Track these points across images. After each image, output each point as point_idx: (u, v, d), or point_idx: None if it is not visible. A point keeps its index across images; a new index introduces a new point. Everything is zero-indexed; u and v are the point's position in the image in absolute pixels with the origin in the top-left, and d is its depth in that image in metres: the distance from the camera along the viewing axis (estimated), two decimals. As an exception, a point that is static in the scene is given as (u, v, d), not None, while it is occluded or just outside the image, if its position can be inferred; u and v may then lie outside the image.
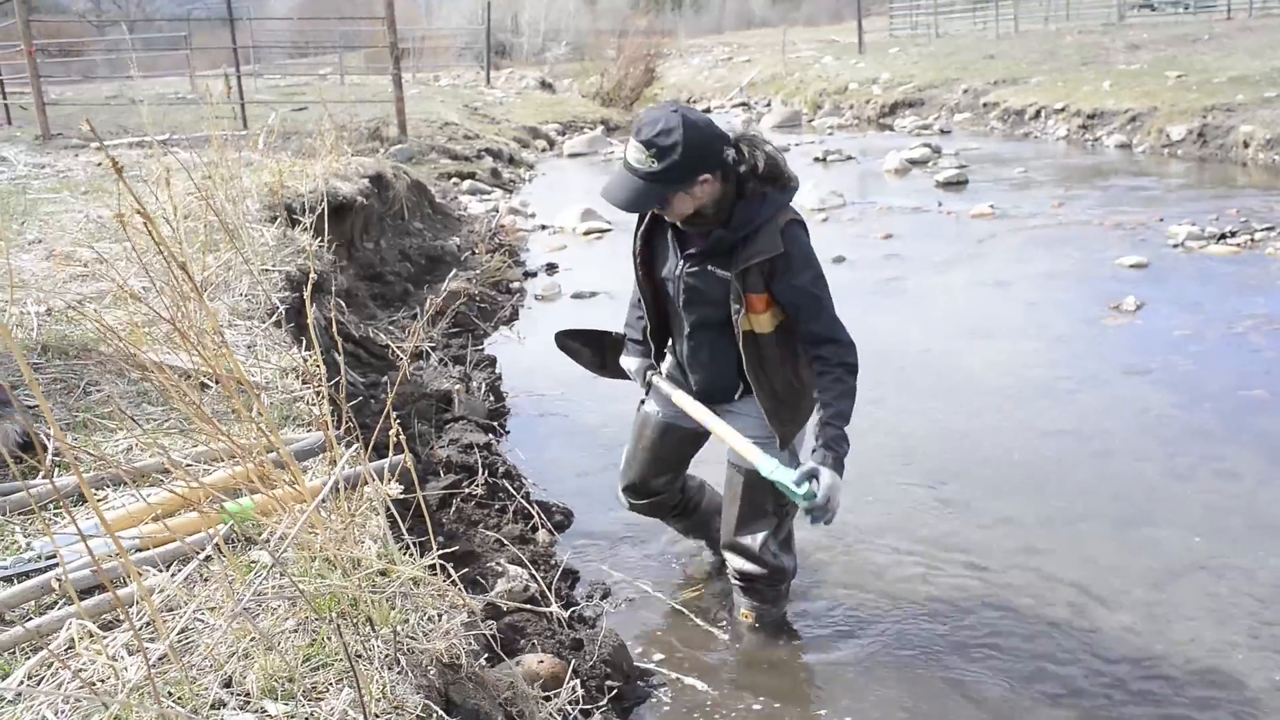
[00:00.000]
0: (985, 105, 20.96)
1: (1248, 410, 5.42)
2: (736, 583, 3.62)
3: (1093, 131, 16.90)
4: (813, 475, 3.00)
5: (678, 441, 3.64)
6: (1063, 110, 18.19)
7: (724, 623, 3.74)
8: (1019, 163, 14.77)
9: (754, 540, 3.45)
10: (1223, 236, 9.08)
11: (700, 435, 3.60)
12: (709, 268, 3.16)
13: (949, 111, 21.87)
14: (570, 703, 2.78)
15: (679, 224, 3.16)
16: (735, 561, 3.55)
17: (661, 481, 3.76)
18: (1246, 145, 13.62)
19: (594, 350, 3.83)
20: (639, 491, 3.79)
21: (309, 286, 2.60)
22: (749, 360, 3.19)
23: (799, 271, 3.09)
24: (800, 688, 3.40)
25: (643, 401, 3.69)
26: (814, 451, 3.11)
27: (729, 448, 3.37)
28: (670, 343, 3.50)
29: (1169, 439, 5.12)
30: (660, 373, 3.54)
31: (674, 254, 3.25)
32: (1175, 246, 9.03)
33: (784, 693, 3.36)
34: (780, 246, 3.05)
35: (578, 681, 2.92)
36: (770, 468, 3.06)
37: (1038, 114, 18.91)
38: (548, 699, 2.73)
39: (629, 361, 3.61)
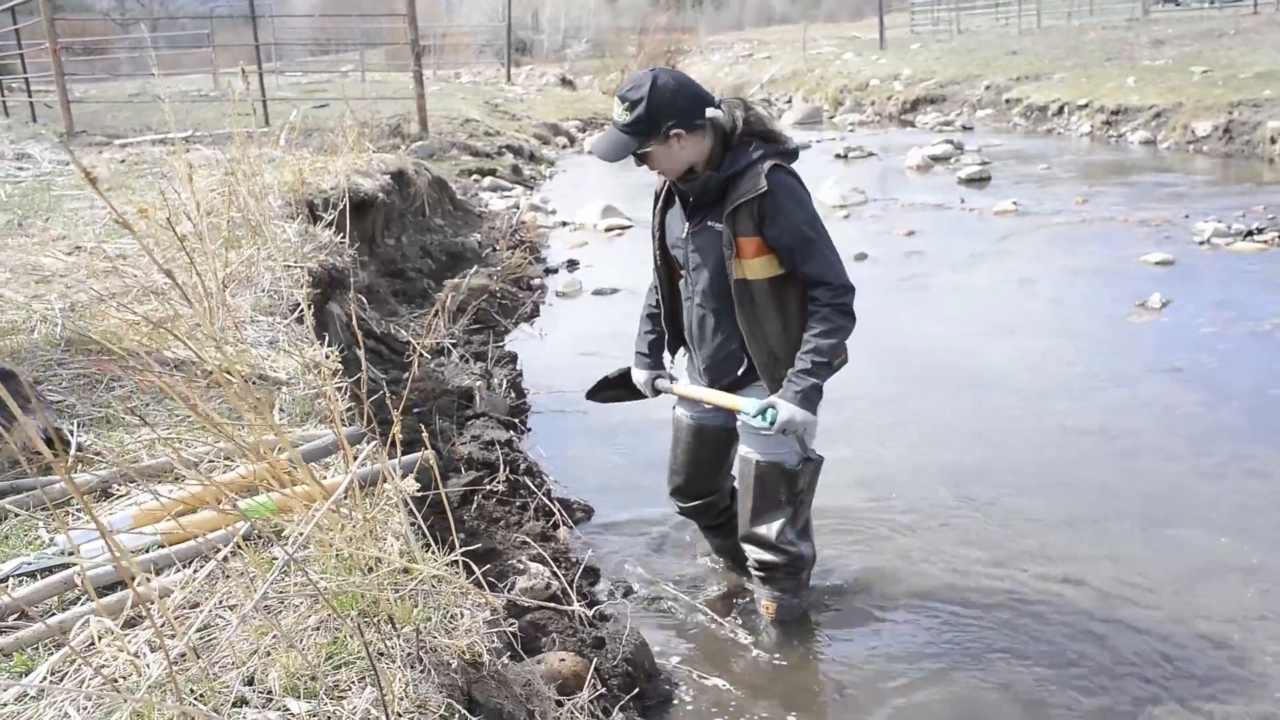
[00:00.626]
0: (1008, 101, 20.85)
1: (1276, 409, 5.36)
2: (757, 573, 3.60)
3: (1116, 128, 16.78)
4: (770, 405, 3.17)
5: (713, 441, 3.65)
6: (1086, 106, 18.06)
7: (745, 622, 3.71)
8: (1042, 159, 14.68)
9: (770, 530, 3.44)
10: (1249, 234, 8.99)
11: (727, 430, 3.59)
12: (707, 223, 3.25)
13: (971, 108, 21.76)
14: (591, 701, 2.77)
15: (679, 184, 3.29)
16: (754, 552, 3.54)
17: (707, 483, 3.76)
18: (1274, 141, 13.48)
19: (626, 388, 3.82)
20: (687, 494, 3.80)
21: (324, 283, 2.59)
22: (741, 310, 3.23)
23: (789, 212, 3.14)
24: (821, 687, 3.37)
25: (675, 405, 3.71)
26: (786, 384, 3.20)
27: (741, 436, 3.44)
28: (681, 324, 3.53)
29: (1196, 438, 5.06)
30: (667, 375, 3.64)
31: (682, 219, 3.36)
32: (1201, 244, 8.94)
33: (805, 692, 3.34)
34: (763, 185, 3.11)
35: (599, 680, 2.90)
36: (745, 404, 3.22)
37: (1061, 110, 18.79)
38: (562, 702, 2.71)
39: (637, 375, 3.69)
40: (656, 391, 3.66)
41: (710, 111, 3.16)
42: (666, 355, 3.70)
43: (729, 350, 3.35)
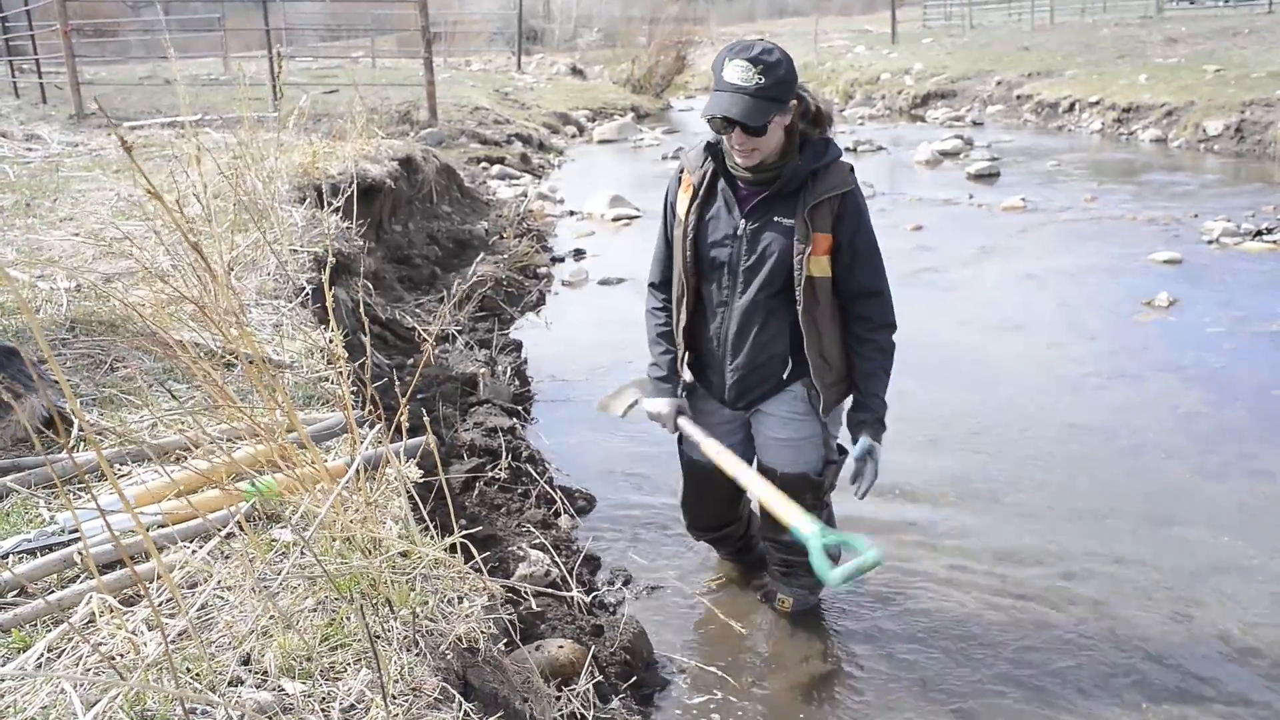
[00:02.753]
0: (1018, 97, 20.77)
1: (1281, 409, 5.35)
2: (778, 569, 3.60)
3: (1127, 125, 16.71)
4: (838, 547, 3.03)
5: (727, 480, 3.50)
6: (1097, 104, 17.99)
7: (745, 613, 3.72)
8: (1052, 156, 14.63)
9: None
10: (1259, 233, 8.95)
11: (746, 462, 3.52)
12: (774, 218, 3.12)
13: (981, 103, 21.68)
14: (589, 688, 2.77)
15: (743, 174, 3.11)
16: (778, 553, 3.54)
17: (725, 515, 3.73)
18: (1285, 142, 13.43)
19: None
20: (705, 529, 3.79)
21: (327, 268, 2.60)
22: (805, 306, 3.13)
23: (864, 215, 3.13)
24: (820, 680, 3.37)
25: (680, 438, 3.60)
26: (856, 438, 3.22)
27: (760, 450, 3.40)
28: (703, 337, 3.37)
29: (1200, 437, 5.05)
30: (688, 412, 3.46)
31: (732, 215, 3.17)
32: (1210, 243, 8.91)
33: (803, 684, 3.34)
34: (850, 184, 3.08)
35: (597, 668, 2.91)
36: (811, 532, 2.96)
37: (1072, 107, 18.71)
38: (559, 696, 2.72)
39: (657, 404, 3.46)
40: (676, 428, 3.45)
41: (799, 89, 3.03)
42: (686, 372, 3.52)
43: (772, 354, 3.24)
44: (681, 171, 3.31)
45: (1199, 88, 16.42)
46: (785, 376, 3.27)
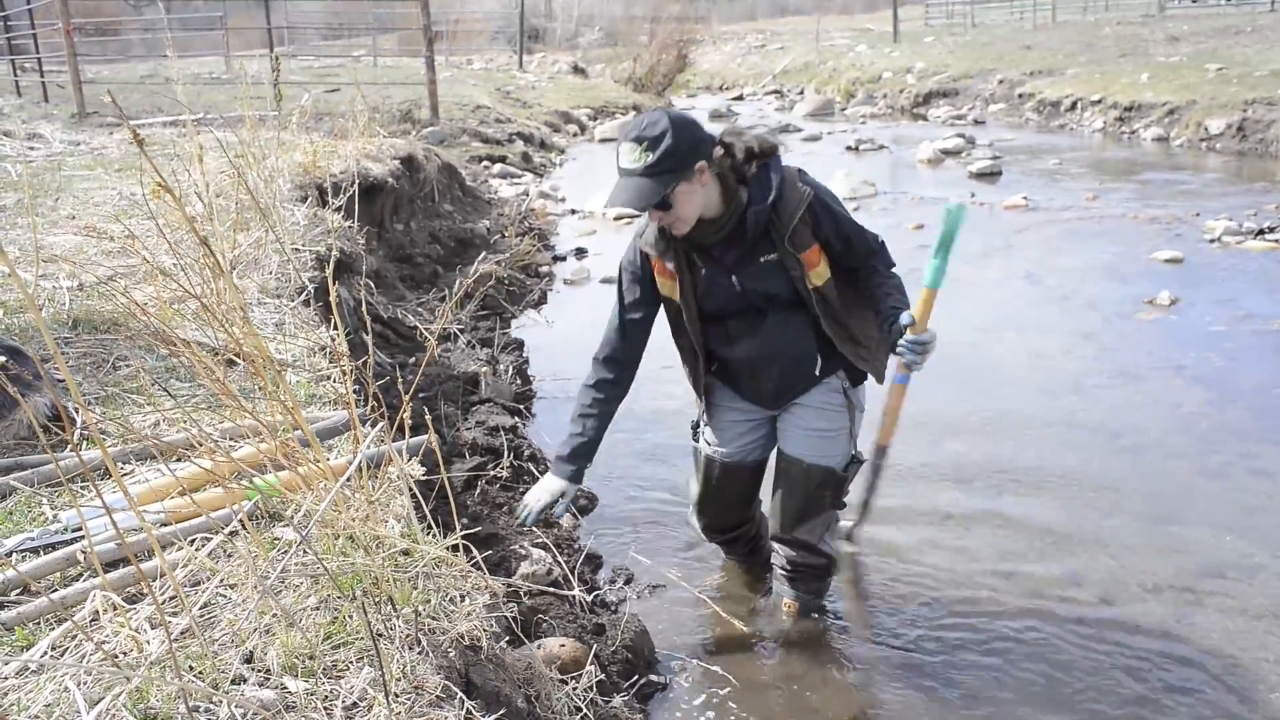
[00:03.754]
0: (1020, 96, 20.77)
1: (1283, 408, 5.35)
2: (784, 572, 3.59)
3: (1129, 124, 16.71)
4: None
5: (747, 477, 3.59)
6: (1099, 102, 17.99)
7: (747, 612, 3.72)
8: (1054, 155, 14.63)
9: (813, 534, 3.43)
10: (1261, 232, 8.95)
11: (763, 462, 3.58)
12: (760, 260, 3.10)
13: (983, 102, 21.68)
14: (590, 687, 2.78)
15: (704, 237, 3.07)
16: (790, 554, 3.52)
17: (740, 515, 3.73)
18: (1287, 140, 13.42)
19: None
20: (719, 529, 3.77)
21: (332, 265, 2.60)
22: (825, 318, 3.16)
23: (833, 205, 3.12)
24: (821, 679, 3.37)
25: (695, 437, 3.60)
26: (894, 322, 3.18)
27: (785, 440, 3.40)
28: (727, 357, 3.36)
29: (1202, 436, 5.05)
30: (572, 506, 3.41)
31: (720, 276, 3.15)
32: (1212, 242, 8.90)
33: (805, 683, 3.34)
34: (807, 193, 3.05)
35: (598, 666, 2.91)
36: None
37: (1074, 106, 18.71)
38: (565, 682, 2.73)
39: (552, 483, 3.30)
40: (548, 510, 3.28)
41: (716, 150, 2.98)
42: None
43: (801, 352, 3.25)
44: (643, 258, 3.22)
45: (1201, 86, 16.41)
46: (818, 372, 3.29)
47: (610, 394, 3.39)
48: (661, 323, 3.36)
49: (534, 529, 4.02)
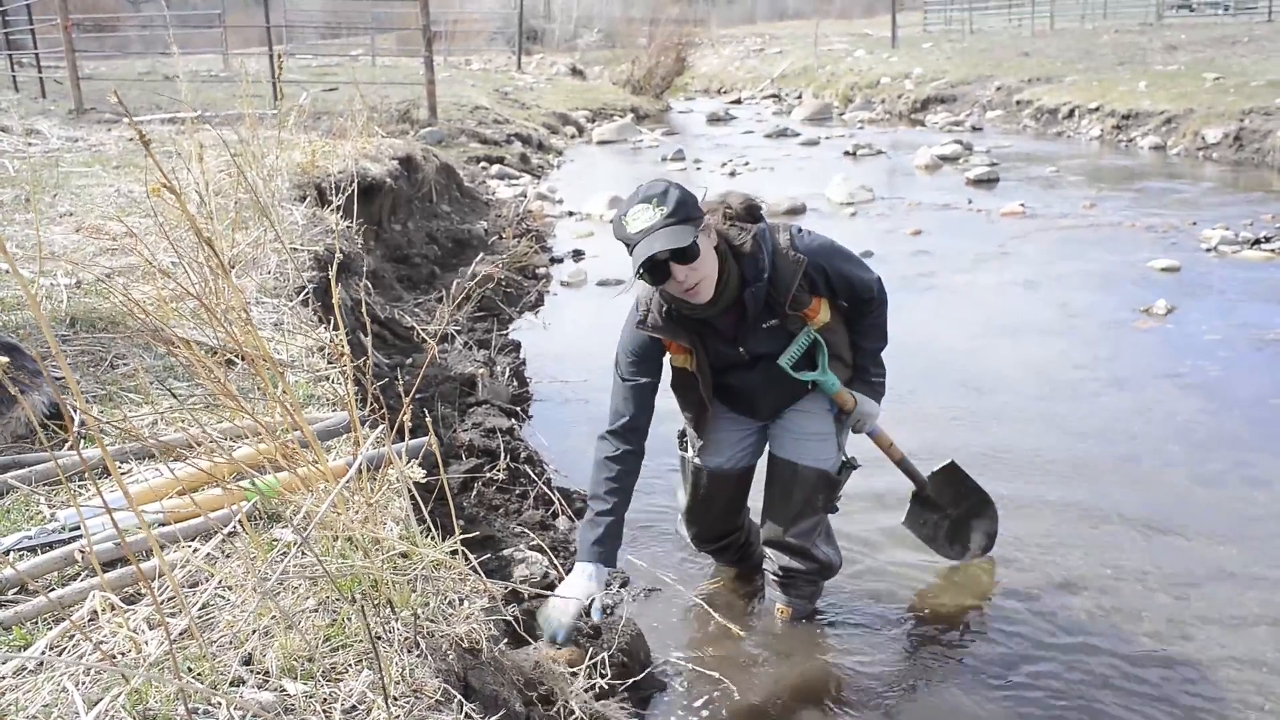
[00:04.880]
0: (1018, 103, 20.79)
1: (1278, 418, 5.35)
2: (776, 578, 3.60)
3: (1127, 132, 16.73)
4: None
5: (734, 485, 3.62)
6: (1097, 110, 18.01)
7: (743, 615, 3.72)
8: (1051, 162, 14.65)
9: (805, 539, 3.44)
10: (1257, 242, 8.96)
11: (751, 468, 3.61)
12: (763, 326, 3.18)
13: (981, 108, 21.72)
14: (586, 690, 2.77)
15: (703, 315, 3.10)
16: (782, 559, 3.53)
17: (729, 524, 3.76)
18: (1284, 150, 13.45)
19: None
20: (708, 538, 3.80)
21: (335, 266, 2.60)
22: (830, 352, 3.28)
23: (826, 259, 3.16)
24: (817, 683, 3.38)
25: (682, 446, 3.62)
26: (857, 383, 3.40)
27: (777, 444, 3.45)
28: (726, 387, 3.40)
29: (1197, 445, 5.06)
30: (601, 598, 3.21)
31: (727, 348, 3.23)
32: (1208, 251, 8.92)
33: (801, 687, 3.34)
34: (800, 259, 3.10)
35: (595, 670, 2.91)
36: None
37: (1071, 113, 18.73)
38: (575, 671, 2.73)
39: (578, 584, 3.05)
40: (585, 615, 3.08)
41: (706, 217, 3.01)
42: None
43: (800, 382, 3.33)
44: (652, 341, 3.20)
45: (1198, 95, 16.45)
46: (810, 386, 3.35)
47: (631, 465, 3.24)
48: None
49: (529, 531, 4.02)
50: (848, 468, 3.46)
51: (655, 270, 2.90)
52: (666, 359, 3.30)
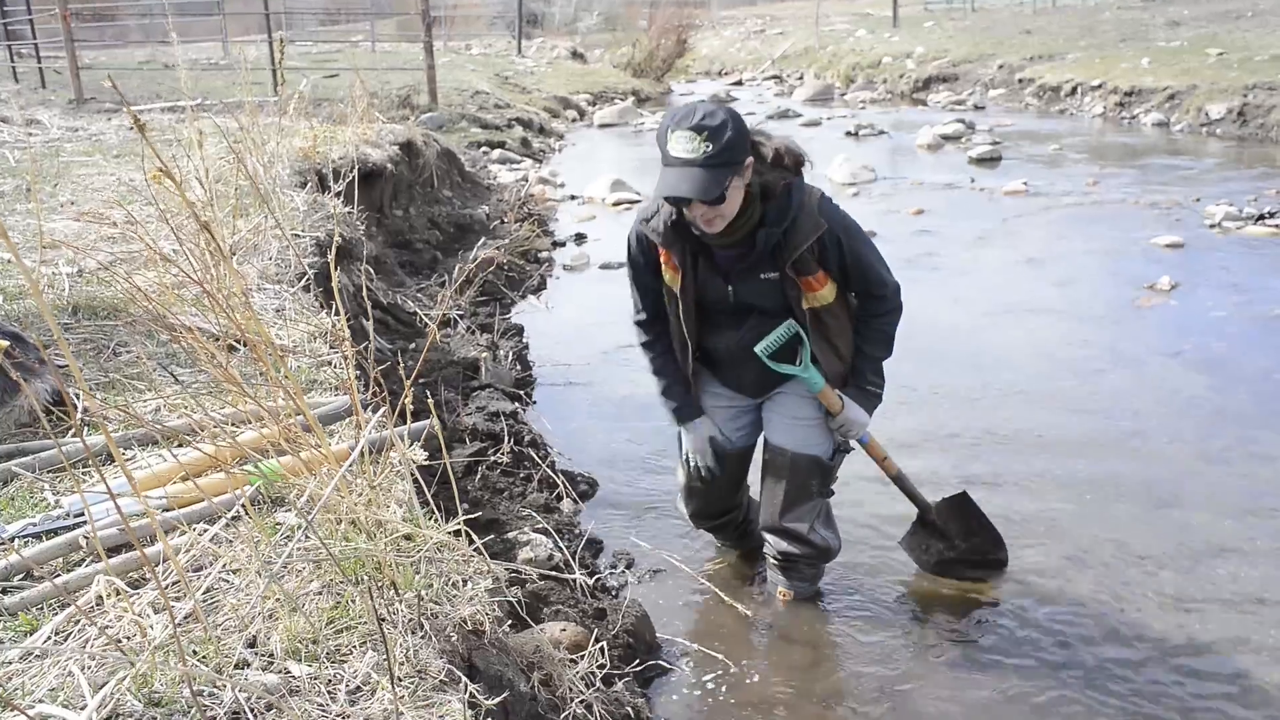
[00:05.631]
0: (1020, 81, 20.70)
1: (1283, 393, 5.35)
2: (776, 561, 3.60)
3: (1130, 109, 16.66)
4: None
5: (733, 465, 3.60)
6: (1099, 87, 17.93)
7: (748, 597, 3.73)
8: (1054, 140, 14.60)
9: (801, 524, 3.44)
10: (1261, 217, 8.93)
11: (750, 448, 3.59)
12: (759, 276, 3.13)
13: (983, 87, 21.62)
14: (592, 671, 2.78)
15: (717, 244, 3.08)
16: (779, 544, 3.53)
17: (727, 502, 3.75)
18: (1288, 125, 13.39)
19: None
20: (707, 516, 3.78)
21: (334, 250, 2.60)
22: (816, 335, 3.20)
23: (846, 238, 3.10)
24: (822, 664, 3.38)
25: (679, 432, 3.62)
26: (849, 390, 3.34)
27: (771, 429, 3.43)
28: (714, 347, 3.39)
29: (1202, 421, 5.06)
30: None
31: (717, 280, 3.18)
32: (1212, 227, 8.89)
33: (806, 668, 3.35)
34: (822, 224, 3.04)
35: (600, 650, 2.92)
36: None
37: (1074, 91, 18.65)
38: (575, 661, 2.73)
39: (704, 428, 3.48)
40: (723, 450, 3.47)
41: (751, 137, 2.97)
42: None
43: (784, 358, 3.26)
44: (648, 243, 3.22)
45: (1201, 71, 16.37)
46: (797, 362, 3.29)
47: (668, 341, 3.40)
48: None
49: (534, 514, 4.03)
50: (842, 451, 3.45)
51: (677, 199, 2.89)
52: None
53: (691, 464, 3.51)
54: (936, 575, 3.79)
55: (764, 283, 3.13)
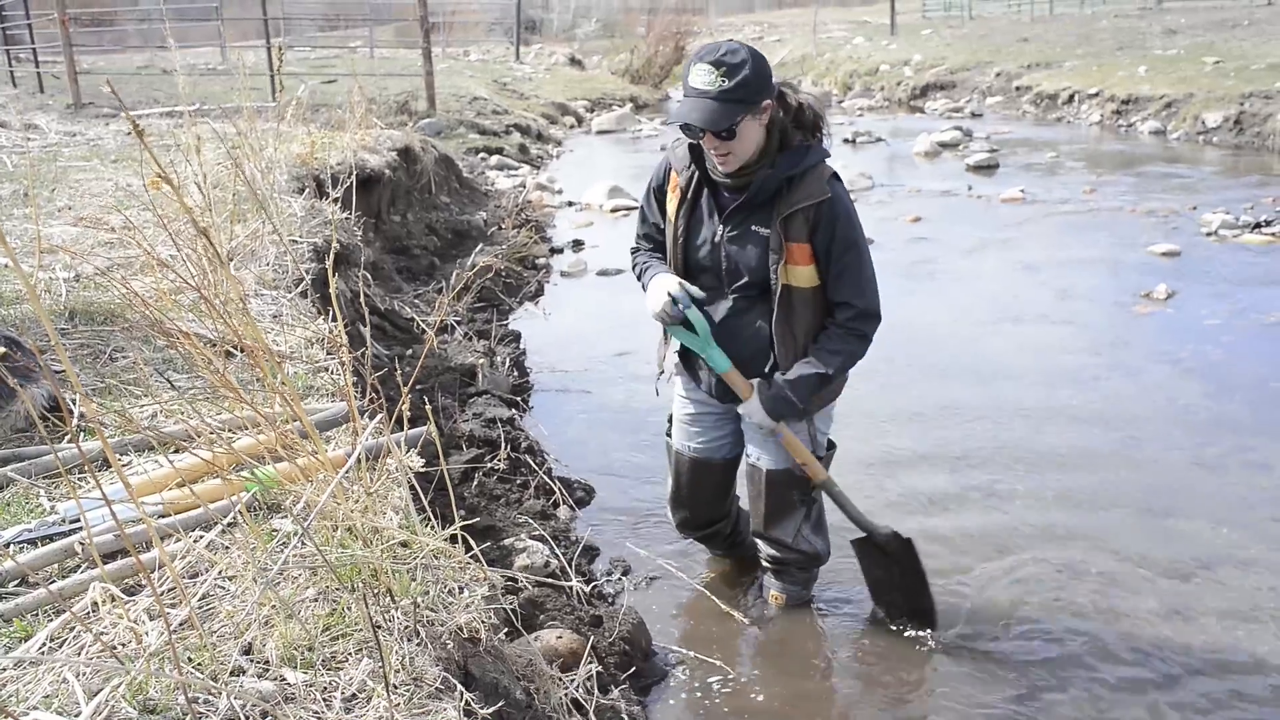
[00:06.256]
0: (1018, 89, 20.73)
1: (1279, 402, 5.35)
2: (768, 565, 3.61)
3: (1127, 117, 16.69)
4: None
5: (718, 473, 3.59)
6: (1096, 95, 17.96)
7: (744, 603, 3.72)
8: (1051, 148, 14.61)
9: (785, 532, 3.43)
10: (1257, 226, 8.95)
11: (734, 459, 3.57)
12: (751, 227, 3.09)
13: (981, 95, 21.66)
14: (588, 679, 2.78)
15: (727, 180, 3.07)
16: (768, 549, 3.54)
17: (714, 511, 3.72)
18: (1284, 134, 13.41)
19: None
20: (694, 526, 3.76)
21: (331, 256, 2.60)
22: (779, 315, 3.11)
23: (843, 223, 3.05)
24: (817, 671, 3.38)
25: (668, 432, 3.62)
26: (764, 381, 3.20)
27: (748, 443, 3.42)
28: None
29: (1198, 429, 5.06)
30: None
31: (711, 220, 3.17)
32: (1208, 235, 8.91)
33: (802, 675, 3.35)
34: (826, 192, 3.02)
35: (596, 658, 2.92)
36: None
37: (1071, 99, 18.68)
38: (564, 677, 2.73)
39: (668, 280, 3.19)
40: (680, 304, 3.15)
41: (779, 86, 3.00)
42: (666, 353, 3.48)
43: (755, 349, 3.22)
44: (669, 167, 3.27)
45: (1198, 79, 16.40)
46: (767, 371, 3.24)
47: (654, 254, 3.42)
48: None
49: (530, 520, 4.03)
50: (820, 459, 3.38)
51: (690, 128, 2.96)
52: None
53: (672, 302, 3.18)
54: (872, 598, 3.65)
55: (753, 235, 3.09)
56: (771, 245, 3.06)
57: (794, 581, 3.61)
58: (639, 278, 3.41)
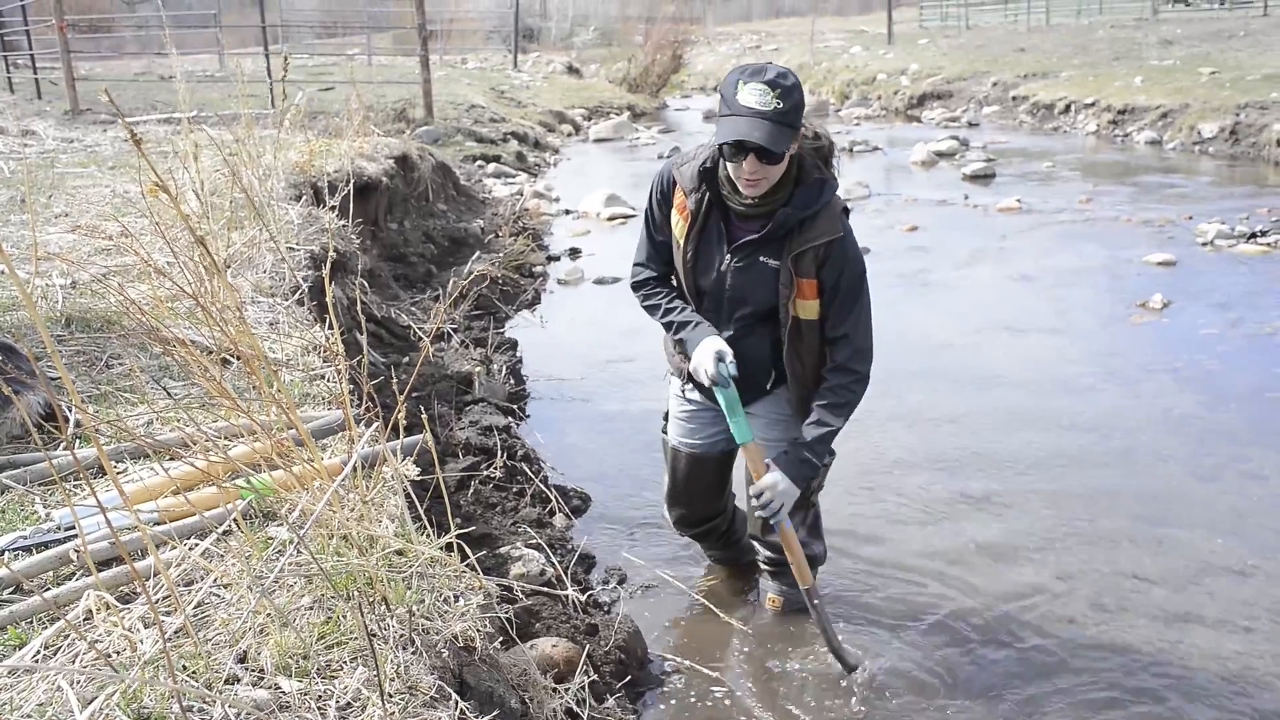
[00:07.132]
0: (1014, 99, 20.79)
1: (1275, 412, 5.36)
2: (766, 567, 3.62)
3: (1123, 127, 16.73)
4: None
5: (714, 468, 3.58)
6: (1093, 105, 18.01)
7: (740, 613, 3.72)
8: (1047, 157, 14.65)
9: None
10: (1253, 236, 8.97)
11: (730, 454, 3.56)
12: (760, 259, 3.08)
13: (977, 104, 21.71)
14: (584, 687, 2.78)
15: (737, 206, 3.04)
16: (765, 551, 3.55)
17: (710, 507, 3.71)
18: (1280, 144, 13.45)
19: None
20: (690, 522, 3.75)
21: (328, 264, 2.60)
22: (790, 346, 3.12)
23: (852, 261, 3.06)
24: (813, 679, 3.38)
25: (665, 429, 3.62)
26: (784, 451, 3.15)
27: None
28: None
29: (1193, 439, 5.07)
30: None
31: (720, 247, 3.14)
32: (1204, 245, 8.93)
33: (798, 683, 3.35)
34: (839, 230, 3.02)
35: (591, 667, 2.91)
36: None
37: (1067, 108, 18.74)
38: (558, 688, 2.73)
39: (713, 344, 3.10)
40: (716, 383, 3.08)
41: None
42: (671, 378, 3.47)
43: (756, 367, 3.21)
44: (672, 184, 3.20)
45: (1194, 90, 16.45)
46: (769, 386, 3.26)
47: (666, 282, 3.34)
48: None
49: (527, 528, 4.03)
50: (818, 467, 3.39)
51: (739, 149, 2.87)
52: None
53: (720, 367, 3.08)
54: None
55: (761, 267, 3.08)
56: (782, 280, 3.05)
57: (790, 584, 3.60)
58: (662, 317, 3.29)
